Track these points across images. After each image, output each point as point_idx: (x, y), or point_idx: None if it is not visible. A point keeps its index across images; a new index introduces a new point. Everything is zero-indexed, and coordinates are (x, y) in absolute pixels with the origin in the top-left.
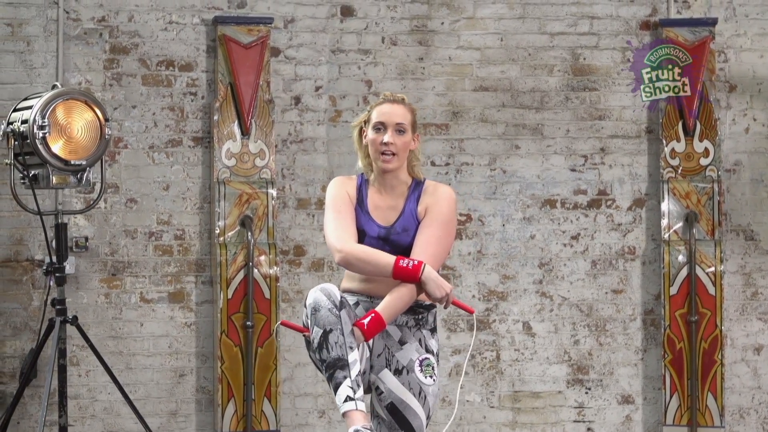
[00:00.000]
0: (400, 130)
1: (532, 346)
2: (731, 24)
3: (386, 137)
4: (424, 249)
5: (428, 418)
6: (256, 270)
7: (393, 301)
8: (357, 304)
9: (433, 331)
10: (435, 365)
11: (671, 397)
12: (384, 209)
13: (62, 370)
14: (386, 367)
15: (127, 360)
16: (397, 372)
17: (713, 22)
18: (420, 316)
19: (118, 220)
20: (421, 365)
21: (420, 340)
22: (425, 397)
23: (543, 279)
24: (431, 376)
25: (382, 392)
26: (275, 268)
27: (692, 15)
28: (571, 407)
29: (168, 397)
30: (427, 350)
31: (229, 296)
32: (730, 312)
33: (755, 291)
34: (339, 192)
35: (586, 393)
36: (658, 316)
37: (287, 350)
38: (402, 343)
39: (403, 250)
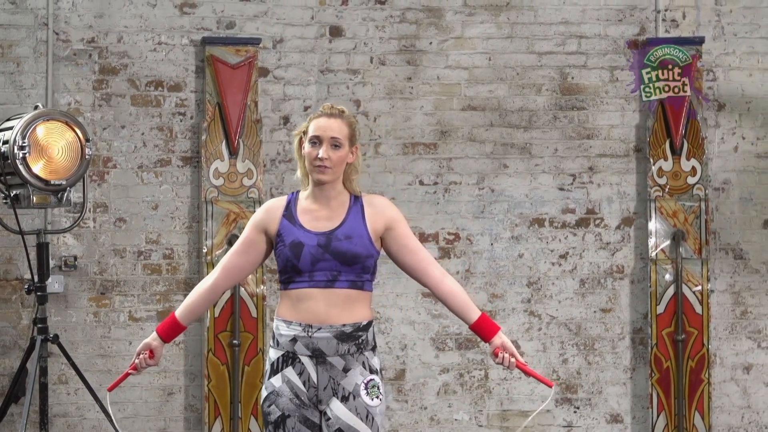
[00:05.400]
0: (335, 144)
1: None
2: (720, 43)
3: (321, 152)
4: (427, 254)
5: None
6: (242, 289)
7: None
8: (294, 340)
9: (374, 349)
10: (380, 384)
11: (658, 416)
12: (320, 219)
13: (43, 389)
14: (333, 396)
15: (116, 378)
16: (344, 399)
17: (700, 41)
18: (360, 340)
19: (107, 239)
20: (366, 388)
21: (363, 363)
22: (372, 419)
23: (531, 298)
24: (377, 397)
25: (330, 418)
26: (262, 287)
27: (681, 34)
28: (560, 426)
29: (156, 416)
30: (371, 371)
31: (216, 315)
32: (719, 331)
33: (744, 310)
34: (256, 218)
35: (575, 412)
36: (647, 335)
37: None
38: (346, 370)
39: (344, 256)
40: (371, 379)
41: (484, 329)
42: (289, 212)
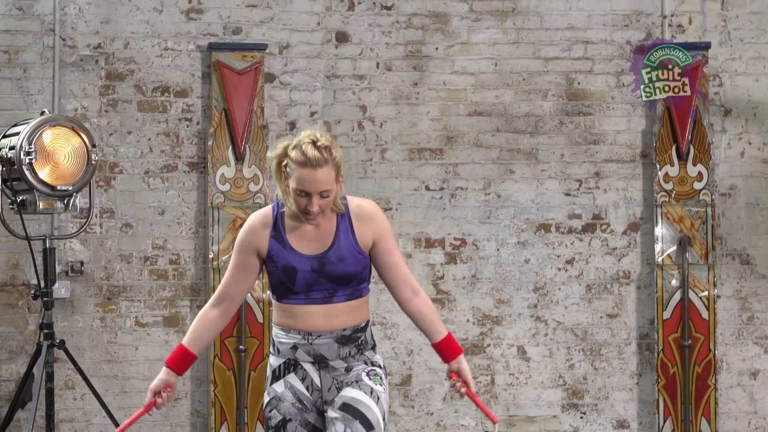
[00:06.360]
0: (325, 195)
1: (527, 370)
2: (726, 48)
3: (312, 207)
4: (403, 273)
5: (383, 420)
6: (249, 294)
7: None
8: (295, 347)
9: (374, 347)
10: (383, 376)
11: (665, 421)
12: (311, 240)
13: (49, 394)
14: (338, 391)
15: (123, 384)
16: (348, 385)
17: (706, 46)
18: (360, 341)
19: (114, 244)
20: (368, 375)
21: (365, 361)
22: (378, 396)
23: (538, 303)
24: (380, 384)
25: (334, 400)
26: (268, 292)
27: (687, 39)
28: None
29: (163, 421)
30: (373, 365)
31: None
32: (726, 336)
33: (751, 315)
34: (244, 240)
35: (581, 417)
36: (653, 341)
37: None
38: (348, 370)
39: (340, 279)
40: (373, 369)
41: (445, 351)
42: (277, 232)
